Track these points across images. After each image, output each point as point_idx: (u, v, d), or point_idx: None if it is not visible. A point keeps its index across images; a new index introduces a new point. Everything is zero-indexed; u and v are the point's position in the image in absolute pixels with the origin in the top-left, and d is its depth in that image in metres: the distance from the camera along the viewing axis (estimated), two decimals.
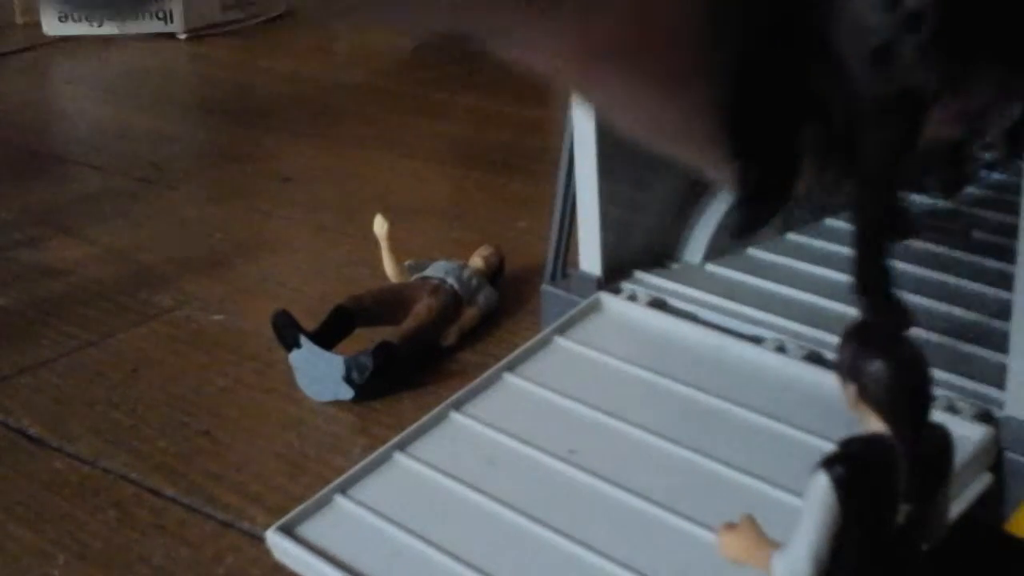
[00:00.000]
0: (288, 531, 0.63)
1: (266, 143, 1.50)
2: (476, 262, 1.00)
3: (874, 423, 0.43)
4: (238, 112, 1.66)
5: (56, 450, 0.83)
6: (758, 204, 0.50)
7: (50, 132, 1.65)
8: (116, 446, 0.83)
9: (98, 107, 1.74)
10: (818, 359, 0.70)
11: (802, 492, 0.43)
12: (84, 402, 0.89)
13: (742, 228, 0.53)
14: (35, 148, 1.54)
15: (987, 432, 0.62)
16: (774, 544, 0.45)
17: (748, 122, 0.45)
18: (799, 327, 0.74)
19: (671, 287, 0.80)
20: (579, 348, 0.75)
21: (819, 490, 0.42)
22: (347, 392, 0.85)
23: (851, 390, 0.43)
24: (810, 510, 0.42)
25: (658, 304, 0.78)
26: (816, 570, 0.43)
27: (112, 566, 0.70)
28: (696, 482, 0.63)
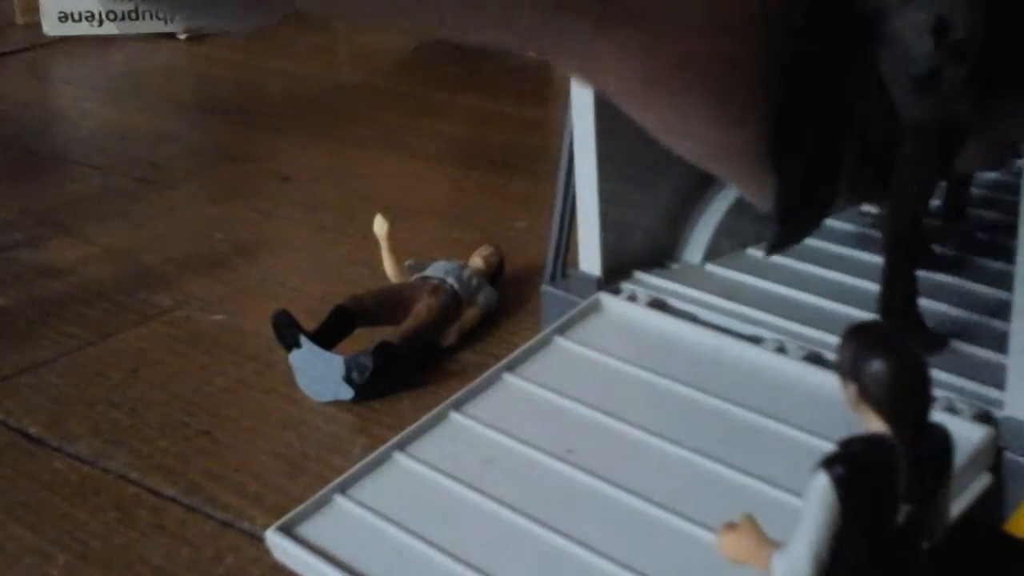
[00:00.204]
0: (288, 531, 0.62)
1: (266, 143, 1.50)
2: (476, 262, 1.00)
3: (874, 423, 0.43)
4: (238, 112, 1.66)
5: (56, 450, 0.83)
6: (795, 220, 0.51)
7: (50, 132, 1.65)
8: (116, 446, 0.83)
9: (98, 107, 1.74)
10: (818, 359, 0.70)
11: (802, 492, 0.43)
12: (84, 402, 0.89)
13: (778, 243, 0.53)
14: (35, 148, 1.54)
15: (987, 432, 0.62)
16: (774, 544, 0.44)
17: (791, 140, 0.46)
18: (799, 327, 0.74)
19: (671, 287, 0.80)
20: (579, 348, 0.75)
21: (819, 490, 0.42)
22: (347, 392, 0.85)
23: (851, 390, 0.43)
24: (810, 510, 0.42)
25: (658, 304, 0.78)
26: (816, 570, 0.42)
27: (112, 566, 0.70)
28: (696, 482, 0.63)
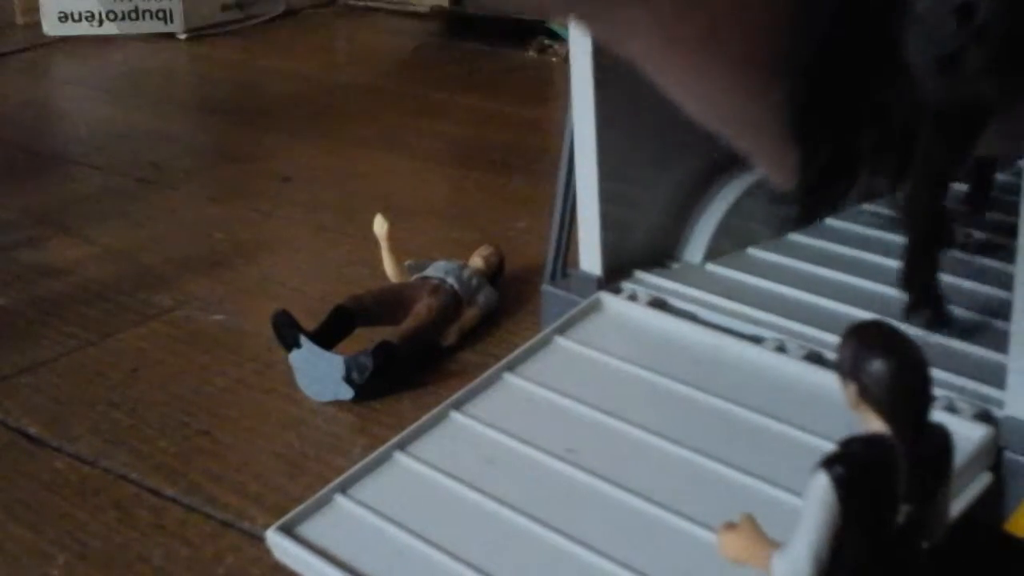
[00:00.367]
0: (288, 531, 0.63)
1: (266, 143, 1.50)
2: (476, 262, 1.00)
3: (874, 423, 0.43)
4: (238, 112, 1.66)
5: (56, 450, 0.83)
6: (817, 197, 0.51)
7: (50, 132, 1.65)
8: (116, 446, 0.83)
9: (98, 107, 1.74)
10: (818, 359, 0.70)
11: (802, 492, 0.43)
12: (84, 402, 0.89)
13: (800, 219, 0.54)
14: (35, 148, 1.54)
15: (987, 432, 0.62)
16: (774, 544, 0.45)
17: (814, 118, 0.46)
18: (799, 327, 0.74)
19: (671, 287, 0.80)
20: (579, 348, 0.75)
21: (819, 490, 0.42)
22: (347, 392, 0.85)
23: (851, 390, 0.43)
24: (810, 510, 0.42)
25: (658, 304, 0.78)
26: (816, 570, 0.43)
27: (112, 566, 0.70)
28: (696, 482, 0.63)
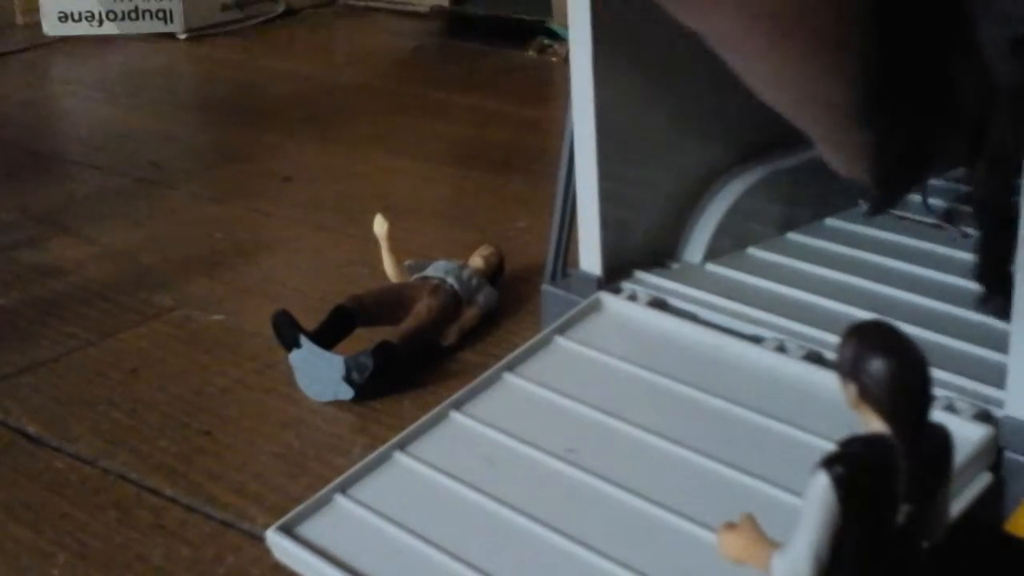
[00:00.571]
0: (288, 531, 0.63)
1: (266, 143, 1.50)
2: (476, 262, 1.00)
3: (874, 423, 0.43)
4: (238, 112, 1.66)
5: (56, 450, 0.83)
6: (894, 181, 0.51)
7: (50, 132, 1.65)
8: (116, 446, 0.83)
9: (98, 107, 1.74)
10: (818, 359, 0.70)
11: (802, 492, 0.43)
12: (84, 402, 0.89)
13: (878, 206, 0.54)
14: (35, 148, 1.54)
15: (987, 432, 0.62)
16: (774, 544, 0.45)
17: (887, 98, 0.46)
18: (799, 327, 0.74)
19: (671, 287, 0.80)
20: (579, 348, 0.75)
21: (819, 489, 0.42)
22: (347, 392, 0.85)
23: (851, 390, 0.43)
24: (810, 510, 0.42)
25: (658, 304, 0.78)
26: (816, 570, 0.43)
27: (112, 566, 0.70)
28: (696, 482, 0.63)
